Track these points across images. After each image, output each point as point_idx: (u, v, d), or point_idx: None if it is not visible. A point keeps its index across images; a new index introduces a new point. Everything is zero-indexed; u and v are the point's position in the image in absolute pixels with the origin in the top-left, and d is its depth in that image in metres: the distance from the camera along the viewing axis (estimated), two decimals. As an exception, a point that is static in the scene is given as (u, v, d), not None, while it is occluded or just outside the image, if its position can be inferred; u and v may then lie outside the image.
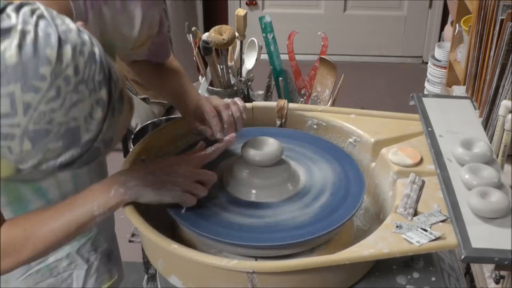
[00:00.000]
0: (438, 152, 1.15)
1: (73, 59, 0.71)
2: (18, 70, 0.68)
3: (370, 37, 3.89)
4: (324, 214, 1.06)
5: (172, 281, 1.05)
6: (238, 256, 1.03)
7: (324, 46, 1.64)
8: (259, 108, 1.35)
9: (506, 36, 1.73)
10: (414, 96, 1.34)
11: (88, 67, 0.73)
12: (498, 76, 1.74)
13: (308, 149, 1.24)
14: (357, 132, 1.26)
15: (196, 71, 1.71)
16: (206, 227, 1.03)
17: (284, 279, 0.97)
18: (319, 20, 3.84)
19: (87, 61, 0.73)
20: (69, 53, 0.71)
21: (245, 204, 1.09)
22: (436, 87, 3.06)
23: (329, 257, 0.97)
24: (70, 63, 0.71)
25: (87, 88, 0.72)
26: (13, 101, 0.69)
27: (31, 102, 0.69)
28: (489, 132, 1.68)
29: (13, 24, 0.70)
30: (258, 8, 3.88)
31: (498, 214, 0.98)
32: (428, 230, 0.98)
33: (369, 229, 1.18)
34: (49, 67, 0.70)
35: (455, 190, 1.04)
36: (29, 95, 0.69)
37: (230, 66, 1.62)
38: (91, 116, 0.74)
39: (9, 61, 0.68)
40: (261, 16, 1.58)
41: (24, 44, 0.69)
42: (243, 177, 1.12)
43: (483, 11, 2.07)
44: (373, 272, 1.05)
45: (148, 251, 1.14)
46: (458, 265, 1.15)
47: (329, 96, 1.57)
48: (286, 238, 1.01)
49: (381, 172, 1.20)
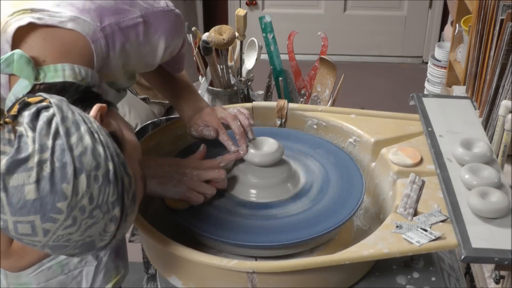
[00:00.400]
0: (438, 152, 1.15)
1: (87, 189, 0.75)
2: (36, 205, 0.73)
3: (370, 37, 3.89)
4: (324, 214, 1.06)
5: (172, 281, 1.05)
6: (238, 256, 1.04)
7: (324, 46, 1.64)
8: (259, 108, 1.35)
9: (506, 36, 1.73)
10: (414, 96, 1.34)
11: (102, 192, 0.76)
12: (498, 76, 1.74)
13: (308, 149, 1.24)
14: (357, 132, 1.26)
15: (196, 71, 1.71)
16: (206, 227, 1.03)
17: (284, 279, 0.97)
18: (319, 20, 3.84)
19: (101, 186, 0.76)
20: (84, 183, 0.74)
21: (245, 204, 1.09)
22: (436, 87, 3.06)
23: (329, 257, 0.97)
24: (85, 193, 0.75)
25: (101, 211, 0.77)
26: (34, 226, 0.74)
27: (49, 229, 0.74)
28: (489, 132, 1.68)
29: (30, 153, 0.73)
30: (258, 8, 3.87)
31: (498, 214, 0.98)
32: (428, 230, 0.98)
33: (369, 229, 1.18)
34: (65, 202, 0.73)
35: (455, 190, 1.04)
36: (48, 224, 0.74)
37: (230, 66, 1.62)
38: (105, 231, 0.79)
39: (28, 196, 0.72)
40: (261, 16, 1.58)
41: (41, 178, 0.72)
42: (243, 177, 1.12)
43: (483, 11, 2.07)
44: (373, 272, 1.05)
45: (148, 251, 1.14)
46: (458, 265, 1.15)
47: (329, 96, 1.57)
48: (286, 238, 1.01)
49: (381, 172, 1.20)
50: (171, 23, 1.04)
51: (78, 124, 0.77)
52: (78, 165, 0.74)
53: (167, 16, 1.03)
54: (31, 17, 0.88)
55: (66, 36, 0.90)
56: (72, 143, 0.75)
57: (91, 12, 0.93)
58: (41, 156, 0.73)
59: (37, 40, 0.89)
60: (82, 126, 0.77)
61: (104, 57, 0.94)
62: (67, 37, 0.90)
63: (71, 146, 0.74)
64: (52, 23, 0.89)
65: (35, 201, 0.72)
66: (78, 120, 0.77)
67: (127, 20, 0.96)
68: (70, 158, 0.74)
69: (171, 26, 1.04)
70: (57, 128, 0.75)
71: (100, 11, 0.94)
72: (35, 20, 0.88)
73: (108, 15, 0.94)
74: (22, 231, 0.74)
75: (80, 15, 0.92)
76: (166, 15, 1.03)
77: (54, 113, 0.76)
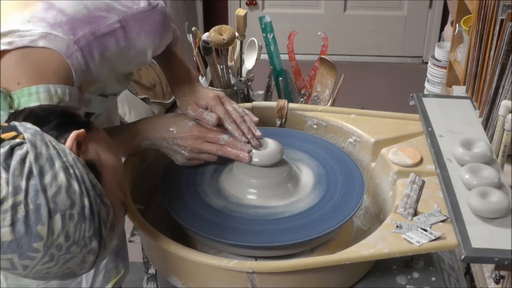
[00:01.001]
0: (438, 152, 1.15)
1: (63, 228, 0.75)
2: (13, 246, 0.73)
3: (370, 37, 3.89)
4: (324, 214, 1.06)
5: (172, 281, 1.05)
6: (238, 256, 1.04)
7: (324, 46, 1.64)
8: (259, 108, 1.35)
9: (506, 36, 1.73)
10: (414, 96, 1.34)
11: (78, 229, 0.76)
12: (498, 76, 1.74)
13: (308, 149, 1.24)
14: (357, 132, 1.26)
15: (196, 71, 1.71)
16: (206, 227, 1.03)
17: (284, 279, 0.97)
18: (319, 20, 3.84)
19: (76, 224, 0.76)
20: (59, 223, 0.75)
21: (245, 204, 1.09)
22: (436, 87, 3.06)
23: (329, 257, 0.97)
24: (60, 232, 0.75)
25: (78, 247, 0.77)
26: (13, 263, 0.75)
27: (28, 265, 0.76)
28: (489, 132, 1.68)
29: (4, 196, 0.73)
30: (258, 8, 3.87)
31: (498, 214, 0.98)
32: (428, 230, 0.98)
33: (369, 229, 1.18)
34: (41, 242, 0.74)
35: (455, 190, 1.04)
36: (26, 261, 0.75)
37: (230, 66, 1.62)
38: (84, 262, 0.80)
39: (4, 238, 0.73)
40: (261, 16, 1.58)
41: (16, 221, 0.73)
42: (243, 177, 1.12)
43: (483, 11, 2.07)
44: (373, 272, 1.05)
45: (148, 251, 1.14)
46: (458, 265, 1.15)
47: (329, 96, 1.57)
48: (286, 238, 1.01)
49: (381, 172, 1.20)
50: (155, 23, 1.00)
51: (53, 160, 0.76)
52: (52, 206, 0.74)
53: (149, 17, 0.99)
54: (2, 44, 0.86)
55: (38, 55, 0.88)
56: (46, 183, 0.74)
57: (63, 25, 0.90)
58: (15, 199, 0.73)
59: (9, 63, 0.86)
60: (57, 162, 0.76)
61: (83, 69, 0.92)
62: (40, 56, 0.88)
63: (45, 186, 0.74)
64: (23, 44, 0.87)
65: (11, 242, 0.73)
66: (53, 155, 0.76)
67: (103, 28, 0.93)
68: (44, 200, 0.74)
69: (156, 26, 1.00)
70: (30, 167, 0.74)
71: (72, 23, 0.91)
72: (6, 47, 0.86)
73: (82, 26, 0.91)
74: (3, 266, 0.75)
75: (52, 30, 0.89)
76: (148, 16, 0.99)
77: (27, 150, 0.75)
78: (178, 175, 1.16)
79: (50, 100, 0.86)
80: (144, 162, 1.24)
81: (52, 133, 0.81)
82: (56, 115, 0.84)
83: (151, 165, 1.25)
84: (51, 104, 0.86)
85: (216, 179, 1.15)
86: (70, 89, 0.90)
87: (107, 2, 0.96)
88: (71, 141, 0.81)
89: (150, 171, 1.25)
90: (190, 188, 1.13)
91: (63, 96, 0.88)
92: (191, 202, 1.09)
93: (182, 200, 1.10)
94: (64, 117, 0.85)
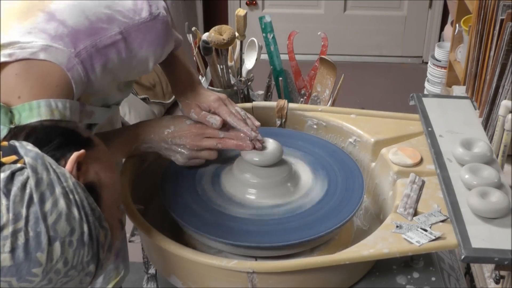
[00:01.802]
0: (438, 152, 1.15)
1: (62, 254, 0.75)
2: (12, 270, 0.74)
3: (370, 37, 3.89)
4: (324, 214, 1.06)
5: (172, 281, 1.05)
6: (238, 256, 1.04)
7: (324, 46, 1.64)
8: (259, 108, 1.35)
9: (506, 36, 1.73)
10: (414, 96, 1.34)
11: (77, 255, 0.77)
12: (498, 76, 1.74)
13: (308, 149, 1.24)
14: (357, 132, 1.26)
15: (196, 71, 1.71)
16: (206, 227, 1.03)
17: (284, 279, 0.97)
18: (319, 20, 3.84)
19: (75, 250, 0.76)
20: (58, 250, 0.75)
21: (245, 204, 1.09)
22: (436, 87, 3.06)
23: (329, 257, 0.97)
24: (59, 258, 0.75)
25: (76, 271, 0.78)
26: (11, 285, 0.75)
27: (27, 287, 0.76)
28: (489, 132, 1.68)
29: (4, 223, 0.73)
30: (258, 8, 3.87)
31: (498, 214, 0.98)
32: (428, 230, 0.98)
33: (369, 229, 1.18)
34: (40, 268, 0.74)
35: (455, 190, 1.04)
36: (24, 284, 0.75)
37: (230, 66, 1.62)
38: (81, 283, 0.80)
39: (3, 263, 0.73)
40: (261, 16, 1.58)
41: (16, 247, 0.73)
42: (243, 177, 1.12)
43: (483, 11, 2.07)
44: (373, 272, 1.05)
45: (148, 251, 1.14)
46: (458, 265, 1.15)
47: (329, 96, 1.57)
48: (286, 238, 1.01)
49: (381, 172, 1.20)
50: (157, 33, 0.99)
51: (53, 186, 0.76)
52: (52, 234, 0.74)
53: (151, 28, 0.98)
54: (2, 55, 0.86)
55: (39, 68, 0.87)
56: (47, 211, 0.74)
57: (64, 37, 0.89)
58: (16, 226, 0.73)
59: (10, 76, 0.86)
60: (57, 188, 0.76)
61: (84, 82, 0.91)
62: (41, 69, 0.87)
63: (45, 214, 0.74)
64: (23, 57, 0.86)
65: (10, 267, 0.73)
66: (53, 180, 0.76)
67: (105, 40, 0.92)
68: (44, 227, 0.74)
69: (157, 36, 1.00)
70: (31, 194, 0.74)
71: (73, 35, 0.90)
72: (6, 58, 0.86)
73: (83, 38, 0.91)
74: (2, 286, 0.75)
75: (53, 42, 0.88)
76: (149, 27, 0.98)
77: (28, 176, 0.75)
78: (178, 175, 1.16)
79: (51, 115, 0.85)
80: (144, 162, 1.24)
81: (53, 154, 0.80)
82: (57, 133, 0.83)
83: (151, 165, 1.25)
84: (53, 120, 0.86)
85: (216, 179, 1.15)
86: (71, 103, 0.89)
87: (108, 13, 0.95)
88: (71, 164, 0.80)
89: (150, 171, 1.25)
90: (190, 188, 1.13)
91: (64, 111, 0.87)
92: (191, 202, 1.09)
93: (182, 200, 1.09)
94: (65, 136, 0.84)
